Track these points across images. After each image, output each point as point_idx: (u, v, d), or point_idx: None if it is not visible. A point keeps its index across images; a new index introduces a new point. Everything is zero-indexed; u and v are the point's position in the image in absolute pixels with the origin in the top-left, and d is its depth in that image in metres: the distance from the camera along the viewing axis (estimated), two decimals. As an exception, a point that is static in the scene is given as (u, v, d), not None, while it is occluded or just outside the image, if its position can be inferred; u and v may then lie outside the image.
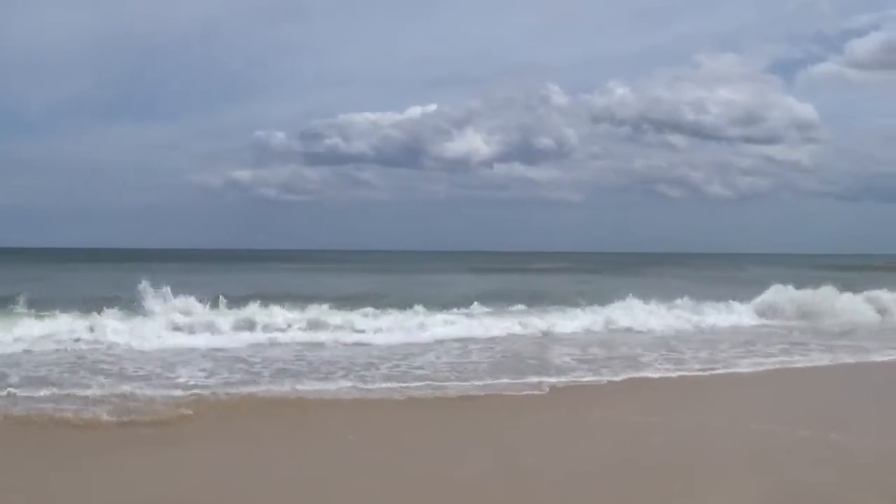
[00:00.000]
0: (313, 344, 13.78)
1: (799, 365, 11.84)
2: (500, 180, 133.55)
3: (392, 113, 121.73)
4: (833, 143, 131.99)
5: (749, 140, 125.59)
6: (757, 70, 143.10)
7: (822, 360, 12.35)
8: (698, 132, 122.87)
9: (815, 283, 21.96)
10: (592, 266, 54.61)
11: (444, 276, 39.23)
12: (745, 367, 11.62)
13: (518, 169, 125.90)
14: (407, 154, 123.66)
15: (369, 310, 16.94)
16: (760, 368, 11.37)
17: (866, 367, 11.82)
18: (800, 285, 22.03)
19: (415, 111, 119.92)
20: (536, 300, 21.07)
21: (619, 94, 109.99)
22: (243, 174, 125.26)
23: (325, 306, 16.77)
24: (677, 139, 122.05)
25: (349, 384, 9.89)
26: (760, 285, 21.90)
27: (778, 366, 11.70)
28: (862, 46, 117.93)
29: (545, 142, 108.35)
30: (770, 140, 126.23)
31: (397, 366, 11.50)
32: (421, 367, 11.32)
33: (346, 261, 62.65)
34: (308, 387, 9.64)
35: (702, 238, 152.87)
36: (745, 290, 22.75)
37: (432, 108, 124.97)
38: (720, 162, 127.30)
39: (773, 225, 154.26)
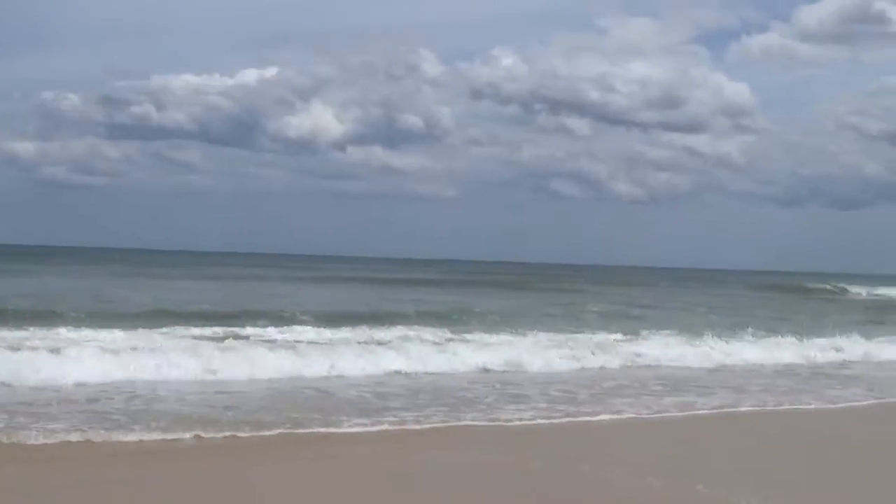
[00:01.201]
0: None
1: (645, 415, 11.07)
2: (355, 167, 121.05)
3: (220, 76, 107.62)
4: (773, 133, 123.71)
5: (666, 127, 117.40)
6: (678, 40, 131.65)
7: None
8: (603, 115, 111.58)
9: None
10: (459, 278, 51.10)
11: (259, 286, 36.24)
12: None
13: (378, 154, 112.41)
14: (238, 130, 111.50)
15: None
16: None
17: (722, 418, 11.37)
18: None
19: (249, 75, 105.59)
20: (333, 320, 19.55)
21: (506, 64, 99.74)
22: (23, 147, 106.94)
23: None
24: (577, 123, 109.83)
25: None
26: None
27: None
28: (814, 14, 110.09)
29: (412, 121, 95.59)
30: (692, 128, 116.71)
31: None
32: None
33: (147, 263, 56.90)
34: None
35: (604, 247, 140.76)
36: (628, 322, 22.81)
37: (272, 72, 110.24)
38: (629, 153, 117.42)
39: (693, 233, 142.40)
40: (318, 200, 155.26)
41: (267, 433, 8.84)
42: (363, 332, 17.73)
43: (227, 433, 8.73)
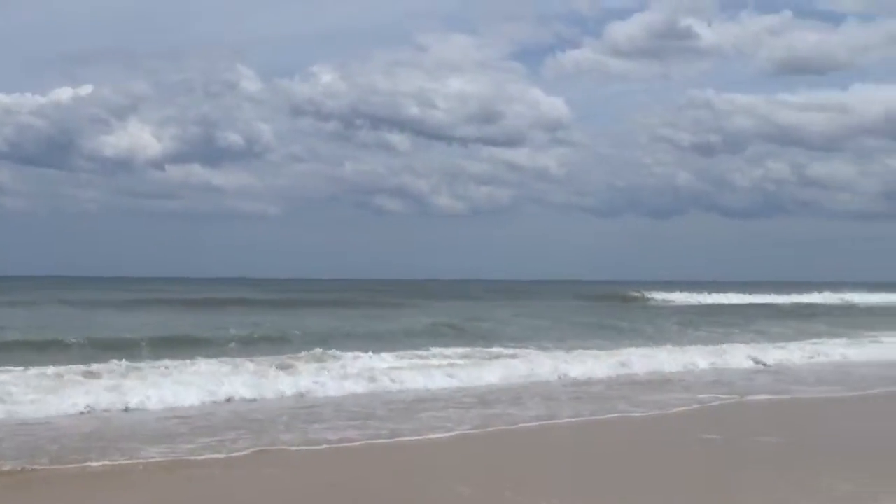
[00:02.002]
0: None
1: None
2: (174, 186, 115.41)
3: (32, 95, 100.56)
4: (589, 146, 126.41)
5: (486, 141, 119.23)
6: (496, 56, 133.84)
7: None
8: (423, 131, 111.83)
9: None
10: (277, 297, 49.67)
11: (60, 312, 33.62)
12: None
13: (197, 172, 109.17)
14: (52, 150, 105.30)
15: None
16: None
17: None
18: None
19: (63, 94, 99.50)
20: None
21: (326, 81, 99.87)
22: None
23: None
24: (398, 139, 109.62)
25: None
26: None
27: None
28: (624, 31, 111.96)
29: (232, 138, 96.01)
30: (511, 142, 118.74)
31: None
32: None
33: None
34: None
35: (429, 261, 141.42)
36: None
37: (86, 90, 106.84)
38: (450, 167, 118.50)
39: (515, 245, 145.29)
40: (136, 220, 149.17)
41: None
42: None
43: None
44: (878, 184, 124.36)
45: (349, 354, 17.30)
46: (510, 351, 19.68)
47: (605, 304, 46.98)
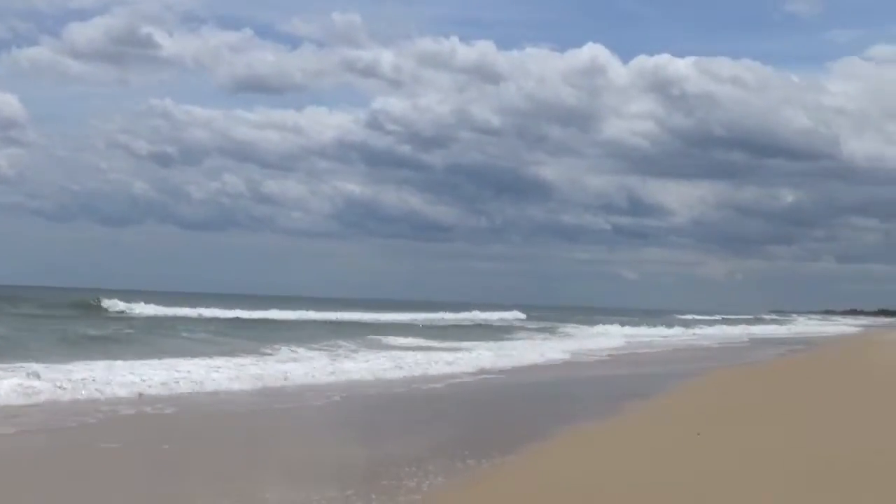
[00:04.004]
0: None
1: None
2: None
3: None
4: (44, 147, 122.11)
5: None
6: None
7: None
8: None
9: None
10: None
11: None
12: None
13: None
14: None
15: None
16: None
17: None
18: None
19: None
20: None
21: None
22: None
23: None
24: None
25: None
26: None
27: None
28: (84, 32, 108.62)
29: None
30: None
31: None
32: None
33: None
34: None
35: None
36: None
37: None
38: None
39: None
40: None
41: None
42: None
43: None
44: (327, 204, 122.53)
45: None
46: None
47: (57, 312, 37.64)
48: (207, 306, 44.66)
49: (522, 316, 64.32)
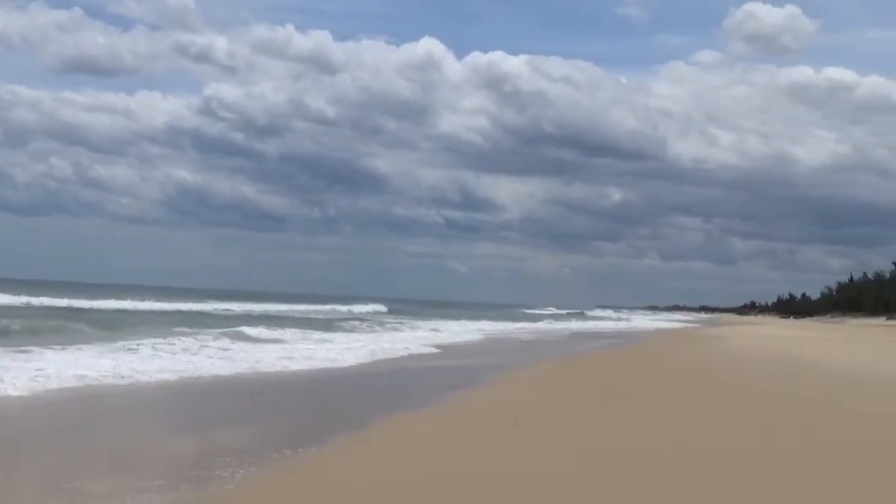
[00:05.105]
0: None
1: None
2: None
3: None
4: None
5: None
6: None
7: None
8: None
9: None
10: None
11: None
12: None
13: None
14: None
15: None
16: None
17: None
18: None
19: None
20: None
21: None
22: None
23: None
24: None
25: None
26: None
27: None
28: None
29: None
30: None
31: None
32: None
33: None
34: None
35: None
36: None
37: None
38: None
39: None
40: None
41: None
42: None
43: None
44: (157, 191, 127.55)
45: None
46: None
47: None
48: (36, 295, 42.66)
49: (384, 309, 65.23)
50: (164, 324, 28.12)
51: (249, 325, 28.29)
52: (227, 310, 49.45)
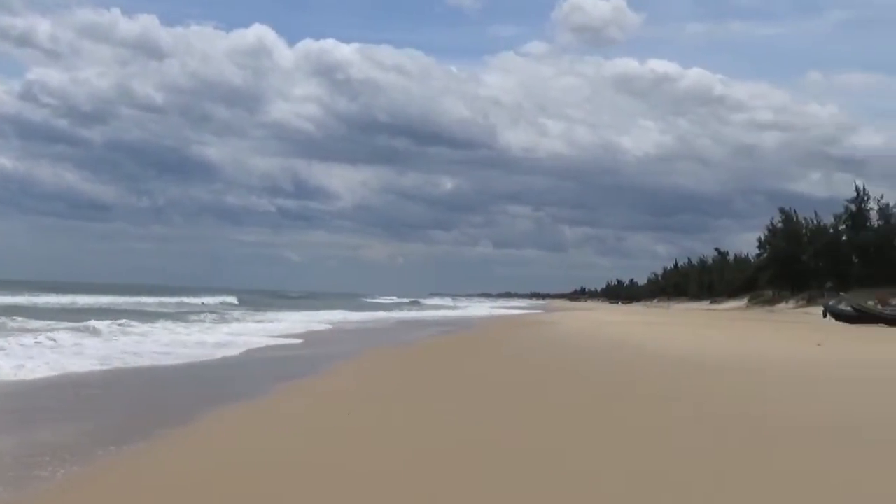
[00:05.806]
0: None
1: None
2: None
3: None
4: None
5: None
6: None
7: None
8: None
9: None
10: None
11: None
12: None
13: None
14: None
15: None
16: None
17: None
18: None
19: None
20: None
21: None
22: None
23: None
24: None
25: None
26: None
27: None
28: None
29: None
30: None
31: None
32: None
33: None
34: None
35: None
36: None
37: None
38: None
39: None
40: None
41: None
42: None
43: None
44: None
45: None
46: None
47: None
48: None
49: (234, 300, 64.39)
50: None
51: (98, 319, 26.96)
52: (72, 303, 47.78)
